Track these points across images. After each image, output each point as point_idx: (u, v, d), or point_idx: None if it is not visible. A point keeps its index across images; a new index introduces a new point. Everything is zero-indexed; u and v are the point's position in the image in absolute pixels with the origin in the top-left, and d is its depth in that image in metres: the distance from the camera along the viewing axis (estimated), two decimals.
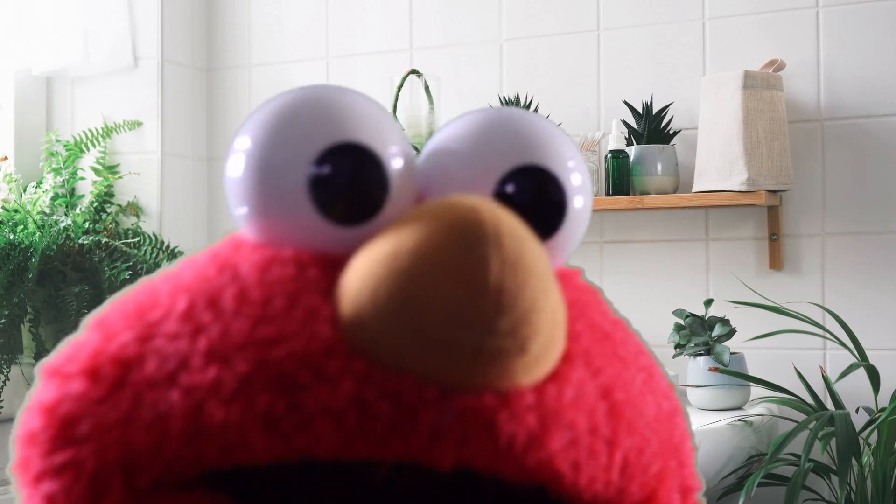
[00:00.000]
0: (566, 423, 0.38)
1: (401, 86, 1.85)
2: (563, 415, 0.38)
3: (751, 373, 1.67)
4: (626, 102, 1.84)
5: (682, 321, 1.68)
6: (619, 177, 1.79)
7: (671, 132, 1.81)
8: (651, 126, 1.80)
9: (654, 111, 1.81)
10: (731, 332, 1.65)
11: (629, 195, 1.79)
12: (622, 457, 0.40)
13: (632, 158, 1.80)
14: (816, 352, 1.75)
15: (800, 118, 1.79)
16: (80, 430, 0.38)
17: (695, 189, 1.73)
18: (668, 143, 1.80)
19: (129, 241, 1.93)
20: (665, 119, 1.81)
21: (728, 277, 1.82)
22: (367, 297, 0.37)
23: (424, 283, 0.36)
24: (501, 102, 1.88)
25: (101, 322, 0.41)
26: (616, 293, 1.96)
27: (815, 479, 1.61)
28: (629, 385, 0.42)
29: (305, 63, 2.16)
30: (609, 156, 1.80)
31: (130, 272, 1.84)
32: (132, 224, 2.04)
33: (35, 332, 1.81)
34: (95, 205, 2.00)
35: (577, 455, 0.39)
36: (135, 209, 2.05)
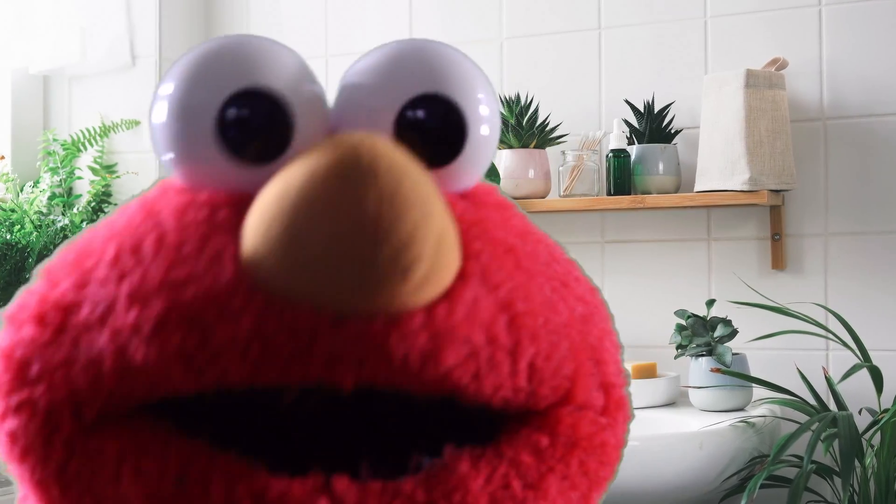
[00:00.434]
0: (461, 338, 0.41)
1: None
2: (457, 331, 0.41)
3: (753, 374, 1.67)
4: (628, 101, 1.84)
5: (684, 322, 1.68)
6: (621, 176, 1.78)
7: (673, 131, 1.81)
8: (653, 125, 1.79)
9: (656, 110, 1.81)
10: (734, 333, 1.65)
11: (630, 195, 1.79)
12: (528, 363, 0.43)
13: (633, 158, 1.79)
14: (819, 352, 1.74)
15: (802, 117, 1.78)
16: (32, 372, 0.42)
17: (696, 188, 1.73)
18: (670, 143, 1.80)
19: None
20: (667, 118, 1.80)
21: (730, 278, 1.81)
22: (261, 236, 0.40)
23: (309, 220, 0.39)
24: (502, 101, 1.87)
25: (48, 270, 0.45)
26: (617, 293, 1.98)
27: (818, 481, 1.61)
28: (533, 295, 0.45)
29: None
30: (610, 155, 1.80)
31: None
32: None
33: None
34: (93, 204, 1.99)
35: (478, 366, 0.42)
36: None
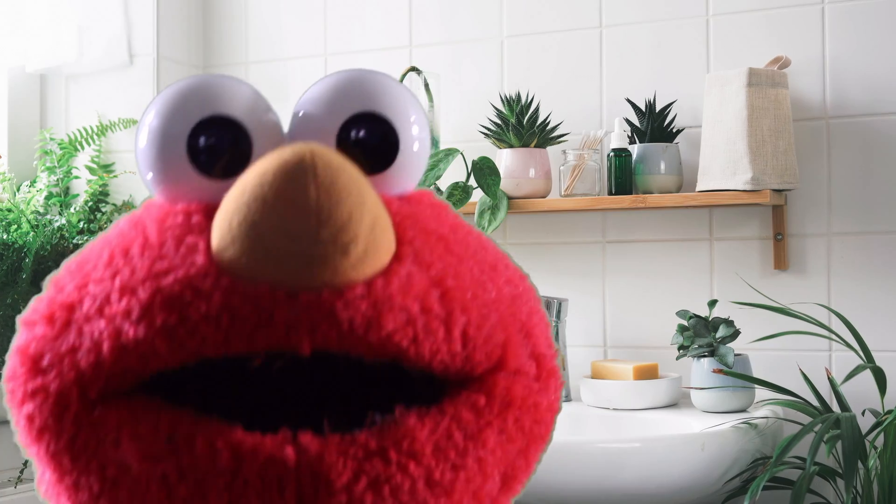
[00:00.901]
0: (398, 307, 0.48)
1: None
2: (394, 300, 0.49)
3: (755, 374, 1.66)
4: (629, 100, 1.83)
5: (686, 322, 1.67)
6: (622, 175, 1.77)
7: (674, 130, 1.80)
8: (654, 124, 1.78)
9: (658, 109, 1.80)
10: (736, 334, 1.64)
11: (632, 194, 1.78)
12: (461, 332, 0.50)
13: (634, 157, 1.78)
14: (822, 353, 1.74)
15: (805, 116, 1.77)
16: (44, 363, 0.51)
17: (698, 188, 1.72)
18: (672, 142, 1.79)
19: None
20: (668, 117, 1.80)
21: (732, 278, 1.80)
22: (225, 228, 0.48)
23: (262, 211, 0.47)
24: (502, 100, 1.87)
25: (56, 280, 0.54)
26: (618, 294, 1.98)
27: (821, 483, 1.61)
28: (463, 275, 0.52)
29: (303, 60, 2.14)
30: (611, 154, 1.79)
31: None
32: None
33: None
34: (90, 204, 1.98)
35: (416, 331, 0.49)
36: (130, 208, 2.02)
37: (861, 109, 1.75)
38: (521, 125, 1.81)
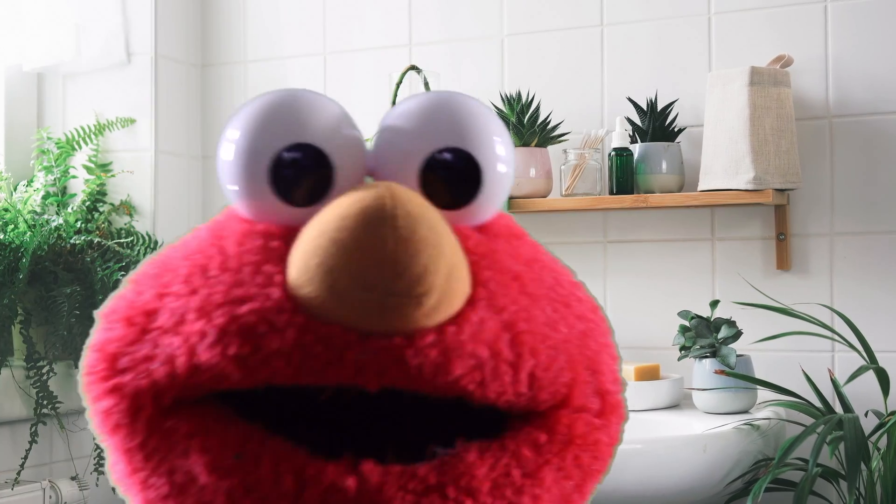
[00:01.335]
0: (468, 353, 0.50)
1: (399, 82, 1.82)
2: (465, 347, 0.50)
3: (758, 375, 1.65)
4: (631, 99, 1.82)
5: (688, 323, 1.67)
6: (623, 175, 1.77)
7: (676, 129, 1.79)
8: (656, 123, 1.78)
9: (659, 108, 1.79)
10: (738, 334, 1.64)
11: (633, 194, 1.77)
12: (528, 374, 0.51)
13: (636, 156, 1.78)
14: (825, 354, 1.73)
15: (808, 115, 1.77)
16: (121, 364, 0.53)
17: (700, 187, 1.71)
18: (673, 141, 1.78)
19: (122, 241, 1.90)
20: (670, 116, 1.79)
21: (734, 278, 1.80)
22: (302, 268, 0.49)
23: (338, 257, 0.48)
24: (502, 99, 1.86)
25: (135, 280, 0.56)
26: (620, 294, 1.96)
27: (824, 485, 1.60)
28: (535, 317, 0.53)
29: (302, 59, 2.12)
30: (613, 154, 1.78)
31: (123, 273, 1.81)
32: (125, 223, 2.01)
33: (26, 334, 1.79)
34: (87, 204, 1.97)
35: (483, 376, 0.50)
36: (128, 208, 2.03)
37: (864, 108, 1.74)
38: (522, 124, 1.80)
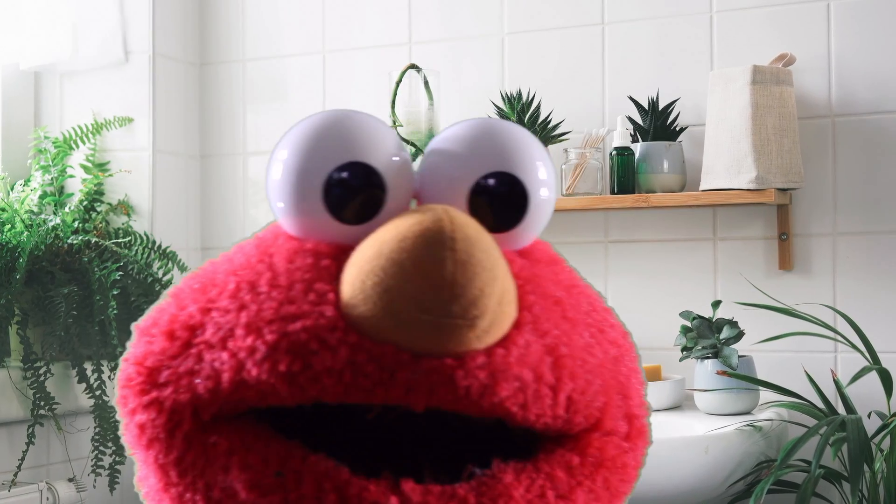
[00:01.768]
0: (513, 376, 0.51)
1: (399, 81, 1.82)
2: (511, 370, 0.51)
3: (760, 376, 1.65)
4: (632, 98, 1.81)
5: (689, 323, 1.66)
6: (625, 174, 1.76)
7: (678, 129, 1.79)
8: (657, 122, 1.77)
9: (661, 107, 1.78)
10: (740, 335, 1.64)
11: (634, 193, 1.76)
12: (566, 397, 0.53)
13: (637, 156, 1.77)
14: (827, 355, 1.72)
15: (810, 114, 1.76)
16: (161, 378, 0.53)
17: (702, 187, 1.71)
18: (675, 140, 1.78)
19: (120, 241, 1.89)
20: (671, 115, 1.78)
21: (736, 278, 1.79)
22: (357, 288, 0.50)
23: (397, 277, 0.49)
24: (503, 98, 1.85)
25: (176, 294, 0.57)
26: (621, 294, 1.95)
27: (826, 486, 1.60)
28: (574, 341, 0.55)
29: (301, 58, 2.12)
30: (614, 153, 1.77)
31: (121, 273, 1.81)
32: (123, 223, 2.00)
33: (23, 335, 1.78)
34: (85, 203, 1.96)
35: (525, 398, 0.52)
36: (125, 208, 2.02)
37: (867, 107, 1.74)
38: (523, 123, 1.79)
